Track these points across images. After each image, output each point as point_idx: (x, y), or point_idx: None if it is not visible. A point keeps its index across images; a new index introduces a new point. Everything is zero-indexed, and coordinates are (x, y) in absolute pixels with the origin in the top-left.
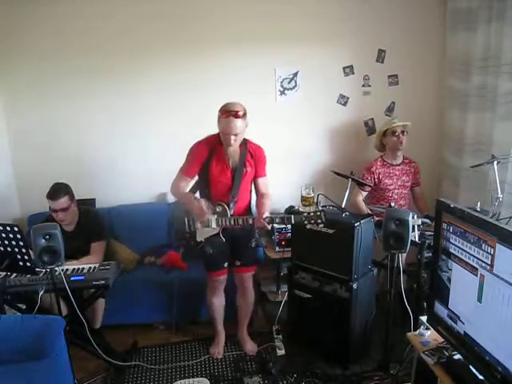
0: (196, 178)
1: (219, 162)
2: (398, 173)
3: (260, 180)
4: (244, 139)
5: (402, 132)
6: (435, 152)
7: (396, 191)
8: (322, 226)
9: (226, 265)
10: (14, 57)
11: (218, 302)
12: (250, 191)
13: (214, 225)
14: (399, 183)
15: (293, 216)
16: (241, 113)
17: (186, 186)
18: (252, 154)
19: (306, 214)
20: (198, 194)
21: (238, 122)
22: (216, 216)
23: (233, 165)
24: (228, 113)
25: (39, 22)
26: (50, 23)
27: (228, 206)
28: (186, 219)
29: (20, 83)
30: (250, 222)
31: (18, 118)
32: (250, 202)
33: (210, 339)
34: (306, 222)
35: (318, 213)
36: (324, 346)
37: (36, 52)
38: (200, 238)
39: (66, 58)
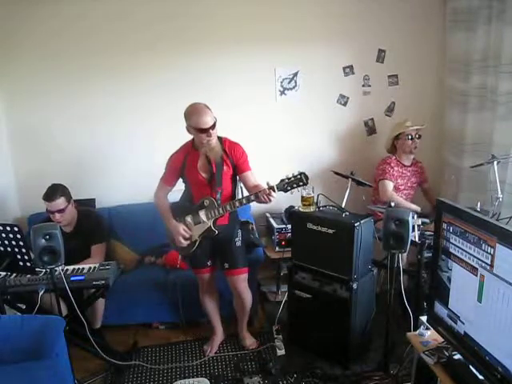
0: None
1: (194, 166)
2: (408, 174)
3: (245, 174)
4: (219, 137)
5: (417, 136)
6: (435, 152)
7: (405, 192)
8: (306, 188)
9: (209, 263)
10: (14, 57)
11: (209, 299)
12: (233, 185)
13: (204, 218)
14: (409, 184)
15: (275, 185)
16: (209, 112)
17: (166, 195)
18: (228, 153)
19: (286, 180)
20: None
21: (210, 116)
22: (204, 210)
23: (210, 163)
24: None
25: (40, 23)
26: (51, 24)
27: (215, 199)
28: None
29: (20, 84)
30: (252, 198)
31: (19, 118)
32: (233, 193)
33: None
34: (288, 188)
35: (298, 176)
36: (324, 345)
37: (37, 53)
38: (195, 237)
39: (66, 58)
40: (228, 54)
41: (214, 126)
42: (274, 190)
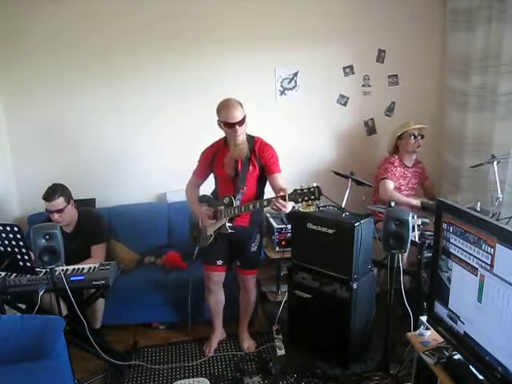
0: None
1: (221, 162)
2: (409, 175)
3: (273, 176)
4: (251, 136)
5: (420, 135)
6: (435, 152)
7: (405, 192)
8: (316, 202)
9: (220, 262)
10: (15, 58)
11: (214, 300)
12: (258, 186)
13: (221, 216)
14: (409, 185)
15: (287, 195)
16: (238, 107)
17: (195, 187)
18: (257, 154)
19: (299, 190)
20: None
21: (239, 112)
22: (223, 207)
23: (236, 161)
24: (227, 109)
25: (40, 23)
26: (51, 25)
27: (234, 198)
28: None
29: (21, 84)
30: (265, 203)
31: (19, 118)
32: (258, 194)
33: None
34: (300, 200)
35: (312, 189)
36: (324, 345)
37: (37, 53)
38: (210, 231)
39: (66, 59)
40: (228, 54)
41: (241, 123)
42: (284, 200)
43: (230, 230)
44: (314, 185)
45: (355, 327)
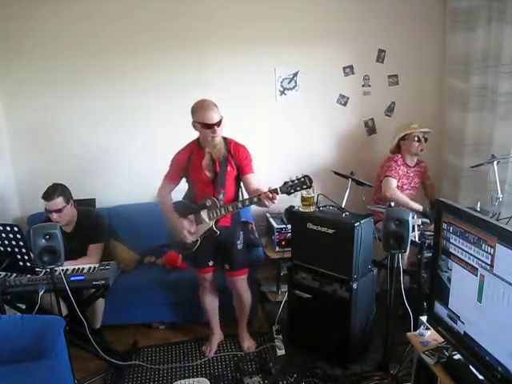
0: (180, 184)
1: (198, 164)
2: (412, 174)
3: (247, 176)
4: (224, 138)
5: (424, 138)
6: (435, 152)
7: (407, 192)
8: (309, 191)
9: (211, 263)
10: (15, 58)
11: (209, 300)
12: (236, 186)
13: (206, 219)
14: (412, 184)
15: (279, 188)
16: (215, 108)
17: (169, 192)
18: (232, 154)
19: (290, 182)
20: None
21: (216, 113)
22: (207, 210)
23: (214, 162)
24: (204, 110)
25: (40, 23)
26: (52, 25)
27: (217, 199)
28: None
29: (20, 84)
30: (255, 199)
31: (19, 118)
32: (236, 195)
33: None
34: (292, 191)
35: (302, 179)
36: (324, 345)
37: (37, 53)
38: (196, 237)
39: (66, 59)
40: (228, 54)
41: (219, 124)
42: (277, 193)
43: (218, 232)
44: (304, 174)
45: (355, 327)
